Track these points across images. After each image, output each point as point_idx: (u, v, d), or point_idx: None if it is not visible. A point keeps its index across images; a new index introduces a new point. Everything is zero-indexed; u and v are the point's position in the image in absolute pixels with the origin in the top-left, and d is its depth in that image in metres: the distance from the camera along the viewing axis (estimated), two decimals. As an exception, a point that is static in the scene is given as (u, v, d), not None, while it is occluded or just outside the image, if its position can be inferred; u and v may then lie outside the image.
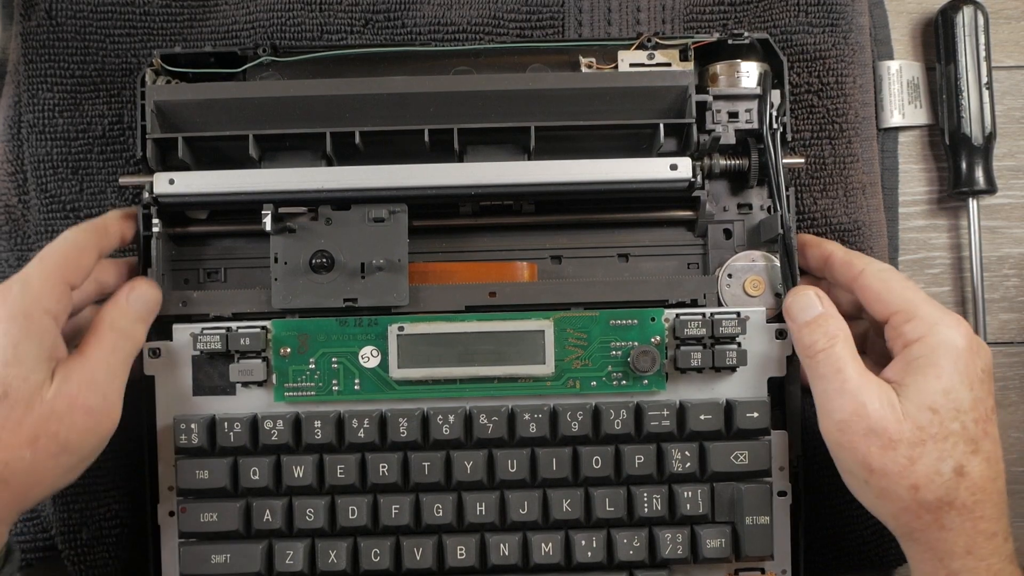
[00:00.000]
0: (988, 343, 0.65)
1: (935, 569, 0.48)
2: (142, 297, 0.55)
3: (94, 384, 0.51)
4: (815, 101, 0.64)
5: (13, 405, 0.48)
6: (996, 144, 0.66)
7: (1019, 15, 0.69)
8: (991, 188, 0.66)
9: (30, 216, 0.64)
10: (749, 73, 0.60)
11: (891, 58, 0.67)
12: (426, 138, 0.57)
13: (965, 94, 0.65)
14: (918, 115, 0.67)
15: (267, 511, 0.56)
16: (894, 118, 0.67)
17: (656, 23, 0.66)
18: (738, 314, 0.56)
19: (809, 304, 0.53)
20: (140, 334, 0.55)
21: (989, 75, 0.65)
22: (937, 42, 0.67)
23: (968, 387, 0.48)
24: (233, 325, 0.57)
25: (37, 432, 0.48)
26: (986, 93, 0.65)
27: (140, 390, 0.58)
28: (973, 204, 0.66)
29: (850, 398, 0.49)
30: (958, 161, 0.66)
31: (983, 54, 0.65)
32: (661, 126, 0.58)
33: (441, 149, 0.58)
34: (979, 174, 0.65)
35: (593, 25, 0.66)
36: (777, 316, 0.58)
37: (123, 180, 0.59)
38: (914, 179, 0.68)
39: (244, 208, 0.58)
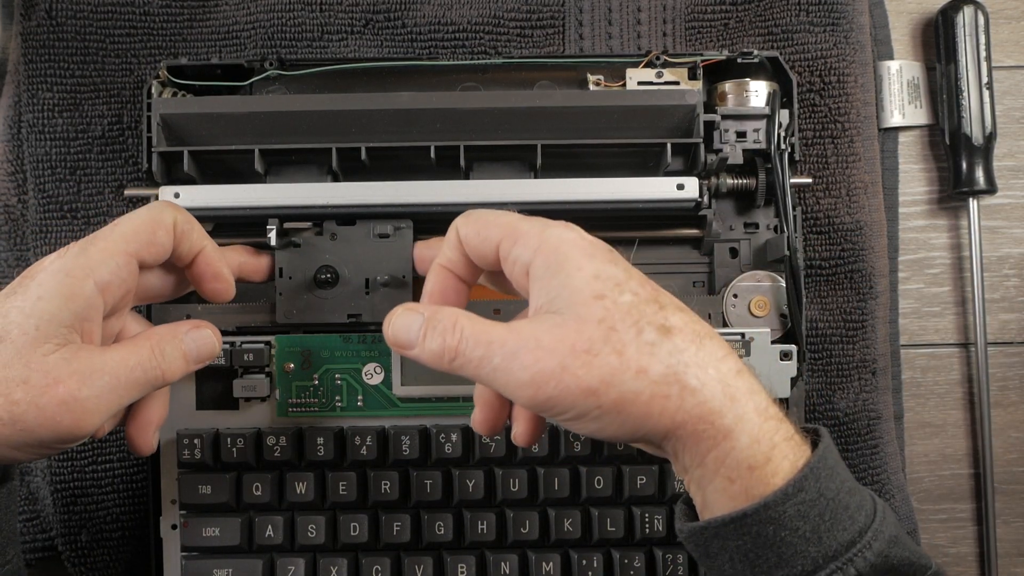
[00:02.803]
0: (988, 343, 0.66)
1: (714, 431, 0.40)
2: (201, 340, 0.49)
3: (87, 382, 0.44)
4: (817, 100, 0.64)
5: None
6: (996, 144, 0.66)
7: (1019, 15, 0.69)
8: (991, 188, 0.65)
9: (29, 216, 0.64)
10: (758, 92, 0.60)
11: (891, 58, 0.67)
12: (432, 154, 0.57)
13: (965, 94, 0.65)
14: (918, 115, 0.67)
15: (269, 527, 0.56)
16: (894, 118, 0.67)
17: (657, 23, 0.65)
18: (742, 335, 0.56)
19: (406, 321, 0.44)
20: (176, 371, 0.48)
21: (989, 75, 0.65)
22: (937, 42, 0.67)
23: (611, 263, 0.42)
24: (237, 340, 0.57)
25: (3, 391, 0.43)
26: (986, 93, 0.65)
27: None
28: (973, 204, 0.66)
29: (522, 350, 0.41)
30: (958, 161, 0.66)
31: (983, 54, 0.65)
32: (668, 145, 0.57)
33: (447, 165, 0.58)
34: (979, 174, 0.65)
35: (594, 25, 0.65)
36: (782, 337, 0.58)
37: (128, 192, 0.59)
38: (914, 179, 0.68)
39: (249, 222, 0.58)
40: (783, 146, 0.59)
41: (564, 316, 0.41)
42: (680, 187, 0.57)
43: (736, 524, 0.40)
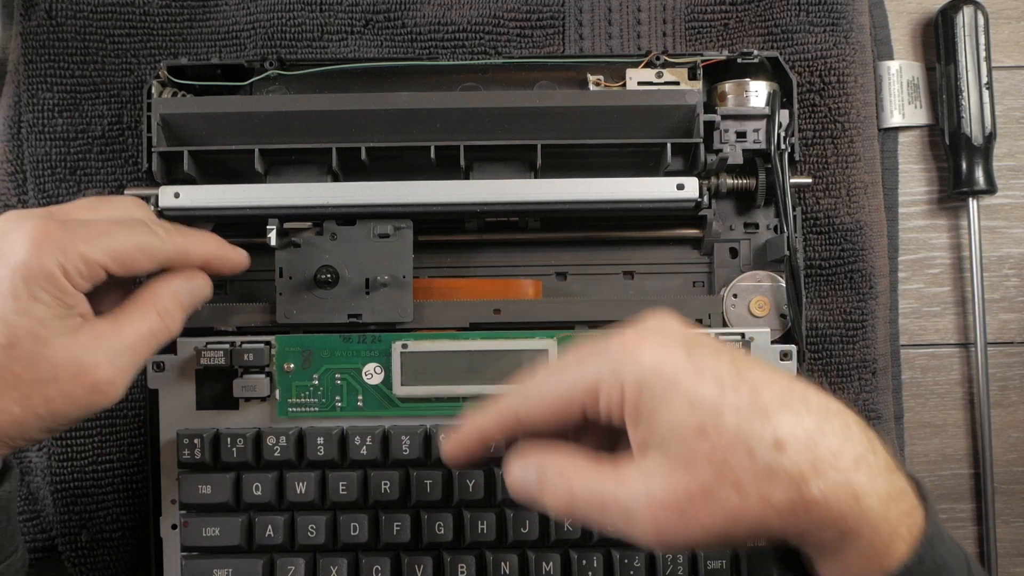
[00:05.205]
0: (988, 343, 0.66)
1: (837, 533, 0.38)
2: (196, 288, 0.51)
3: (112, 361, 0.46)
4: (817, 100, 0.64)
5: (16, 359, 0.44)
6: (996, 144, 0.66)
7: (1019, 15, 0.69)
8: (991, 188, 0.65)
9: (29, 216, 0.64)
10: (758, 92, 0.60)
11: (891, 58, 0.67)
12: (432, 154, 0.57)
13: (965, 94, 0.65)
14: (918, 115, 0.67)
15: (269, 527, 0.56)
16: (894, 118, 0.67)
17: (657, 23, 0.65)
18: (742, 335, 0.56)
19: (521, 478, 0.42)
20: (179, 324, 0.50)
21: (989, 75, 0.65)
22: (937, 42, 0.67)
23: (698, 377, 0.39)
24: (237, 340, 0.57)
25: (31, 392, 0.44)
26: (986, 93, 0.65)
27: (145, 400, 0.58)
28: (973, 204, 0.66)
29: (637, 508, 0.39)
30: (958, 161, 0.65)
31: (983, 54, 0.65)
32: (668, 145, 0.58)
33: (447, 165, 0.58)
34: (979, 174, 0.65)
35: (594, 25, 0.65)
36: (782, 337, 0.58)
37: (128, 192, 0.58)
38: (914, 179, 0.68)
39: (249, 222, 0.58)
40: (783, 146, 0.59)
41: (669, 458, 0.39)
42: (680, 187, 0.57)
43: None
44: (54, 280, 0.44)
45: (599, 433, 0.44)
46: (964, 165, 0.65)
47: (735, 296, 0.59)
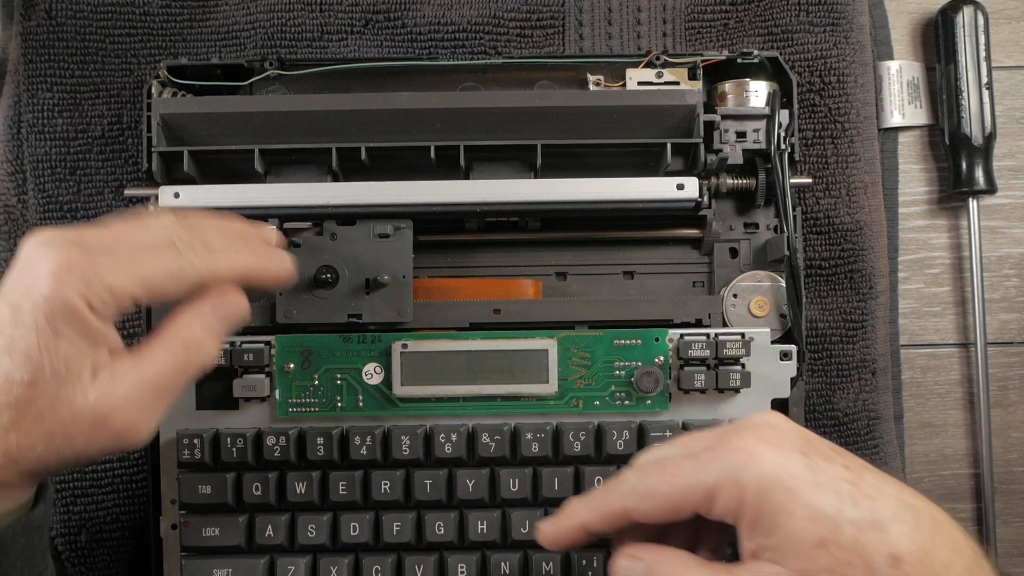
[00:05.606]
0: (988, 343, 0.66)
1: None
2: (230, 311, 0.46)
3: (133, 404, 0.42)
4: (817, 100, 0.64)
5: (38, 395, 0.40)
6: (996, 144, 0.66)
7: (1019, 15, 0.69)
8: (991, 188, 0.65)
9: (29, 216, 0.64)
10: (758, 92, 0.60)
11: (891, 58, 0.67)
12: (432, 154, 0.57)
13: (965, 94, 0.65)
14: (918, 115, 0.67)
15: (269, 527, 0.56)
16: (894, 118, 0.67)
17: (657, 23, 0.65)
18: (743, 335, 0.56)
19: (630, 569, 0.43)
20: (213, 352, 0.46)
21: (989, 75, 0.65)
22: (937, 42, 0.67)
23: (817, 488, 0.39)
24: (237, 340, 0.57)
25: (53, 431, 0.41)
26: (986, 93, 0.65)
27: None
28: (973, 204, 0.66)
29: None
30: (958, 161, 0.66)
31: (983, 54, 0.65)
32: (668, 145, 0.58)
33: (447, 165, 0.58)
34: (979, 174, 0.65)
35: (594, 25, 0.65)
36: (782, 337, 0.58)
37: (128, 192, 0.59)
38: (914, 179, 0.68)
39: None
40: (783, 146, 0.59)
41: (788, 568, 0.39)
42: (680, 187, 0.57)
43: None
44: (77, 314, 0.41)
45: (691, 524, 0.44)
46: (964, 165, 0.65)
47: (735, 296, 0.59)
